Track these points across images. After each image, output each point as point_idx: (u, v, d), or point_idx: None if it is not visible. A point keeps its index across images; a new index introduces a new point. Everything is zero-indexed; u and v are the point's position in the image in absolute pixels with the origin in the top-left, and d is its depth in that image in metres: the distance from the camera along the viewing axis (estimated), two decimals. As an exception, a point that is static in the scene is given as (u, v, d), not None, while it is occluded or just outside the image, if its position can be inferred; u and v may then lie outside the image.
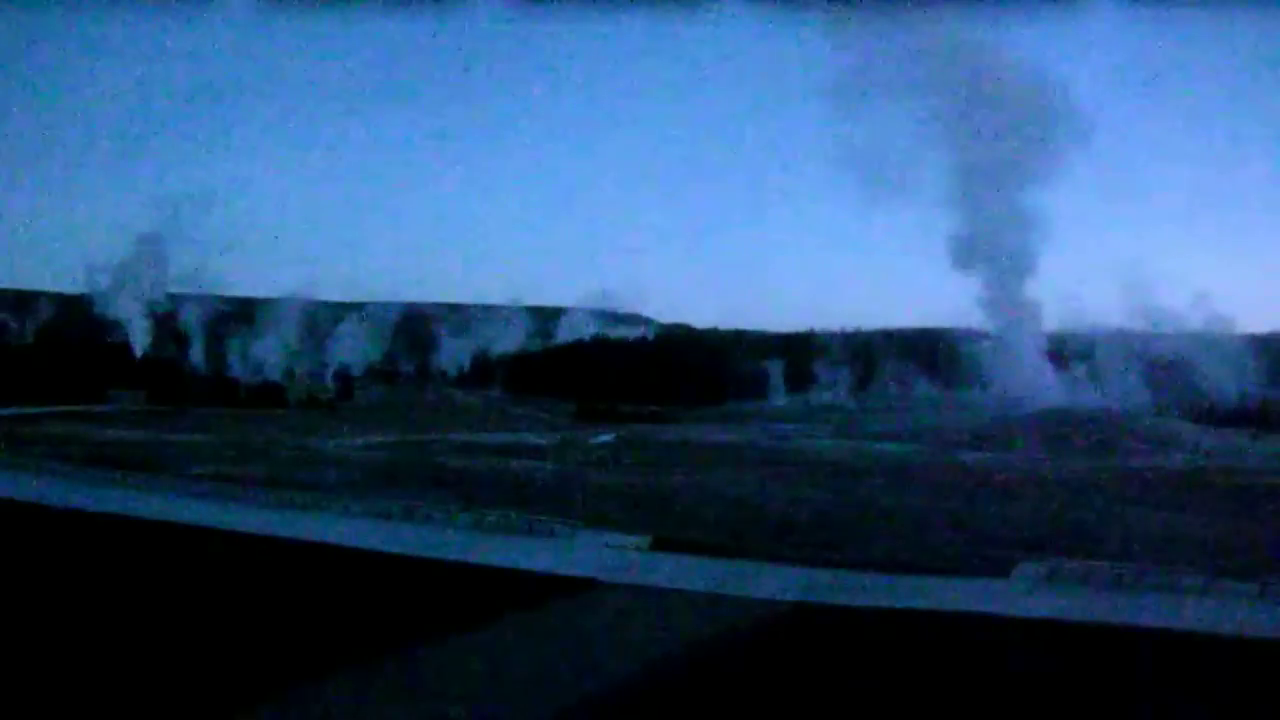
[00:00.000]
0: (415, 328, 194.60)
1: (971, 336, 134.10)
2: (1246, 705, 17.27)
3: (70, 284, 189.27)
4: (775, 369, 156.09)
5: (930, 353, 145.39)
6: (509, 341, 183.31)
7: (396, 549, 29.78)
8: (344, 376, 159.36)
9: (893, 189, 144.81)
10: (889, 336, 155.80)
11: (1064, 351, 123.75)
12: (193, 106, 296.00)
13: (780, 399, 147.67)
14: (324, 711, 16.04)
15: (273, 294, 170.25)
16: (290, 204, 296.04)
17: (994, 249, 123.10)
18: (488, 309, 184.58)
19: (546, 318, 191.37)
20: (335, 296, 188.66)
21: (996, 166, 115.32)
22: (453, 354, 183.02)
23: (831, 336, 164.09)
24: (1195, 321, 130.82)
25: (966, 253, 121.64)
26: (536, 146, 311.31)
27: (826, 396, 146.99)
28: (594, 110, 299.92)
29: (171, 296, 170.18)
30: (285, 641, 19.72)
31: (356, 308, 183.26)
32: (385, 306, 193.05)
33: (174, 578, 25.49)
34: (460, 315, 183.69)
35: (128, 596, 23.07)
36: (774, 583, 26.50)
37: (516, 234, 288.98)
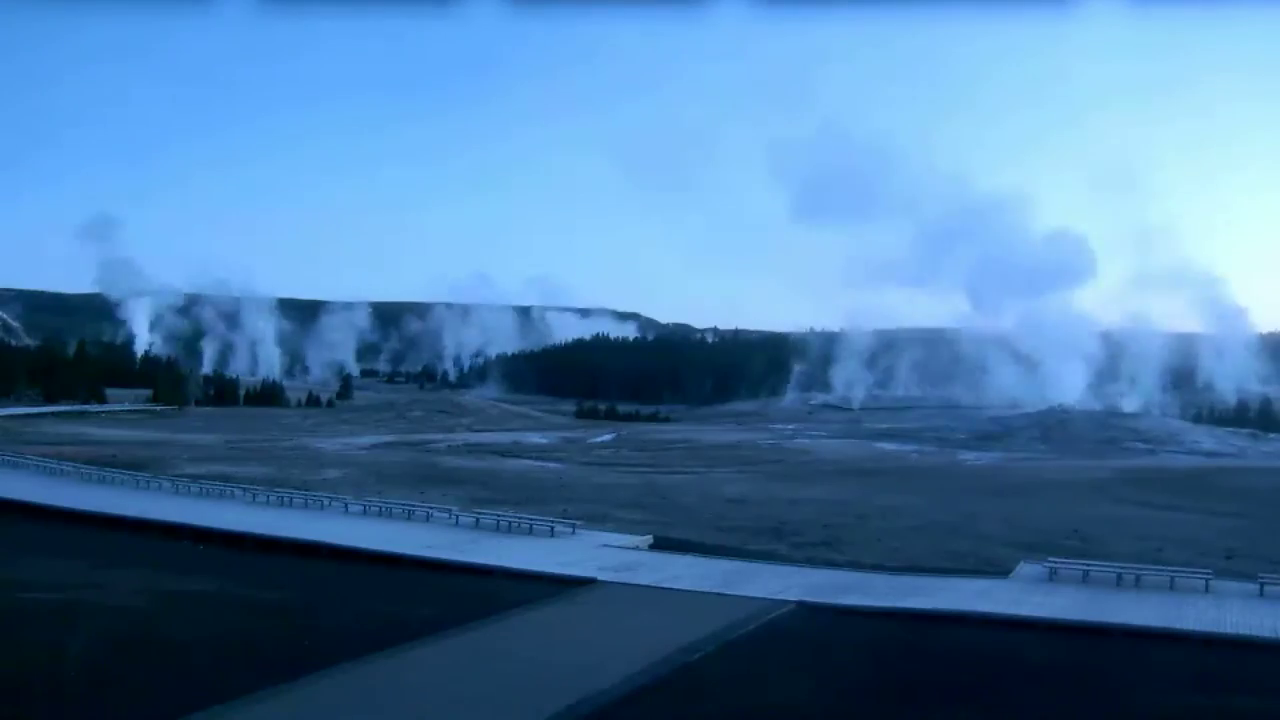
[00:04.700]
0: (414, 327, 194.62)
1: (972, 337, 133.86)
2: (1246, 705, 17.30)
3: (69, 283, 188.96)
4: (775, 369, 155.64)
5: (931, 353, 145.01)
6: (509, 341, 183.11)
7: (396, 549, 29.96)
8: (343, 376, 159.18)
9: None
10: (889, 336, 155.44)
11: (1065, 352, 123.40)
12: (181, 107, 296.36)
13: (780, 398, 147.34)
14: (325, 708, 16.08)
15: (276, 294, 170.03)
16: (285, 204, 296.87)
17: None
18: (486, 308, 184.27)
19: (545, 317, 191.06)
20: (334, 296, 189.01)
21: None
22: (453, 353, 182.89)
23: (831, 336, 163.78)
24: (1195, 321, 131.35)
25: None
26: (539, 145, 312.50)
27: (826, 396, 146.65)
28: (602, 111, 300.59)
29: (169, 296, 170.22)
30: (286, 639, 19.75)
31: (356, 307, 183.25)
32: (384, 306, 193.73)
33: (172, 577, 25.49)
34: (459, 314, 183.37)
35: (125, 597, 23.07)
36: (774, 583, 26.55)
37: (515, 234, 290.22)
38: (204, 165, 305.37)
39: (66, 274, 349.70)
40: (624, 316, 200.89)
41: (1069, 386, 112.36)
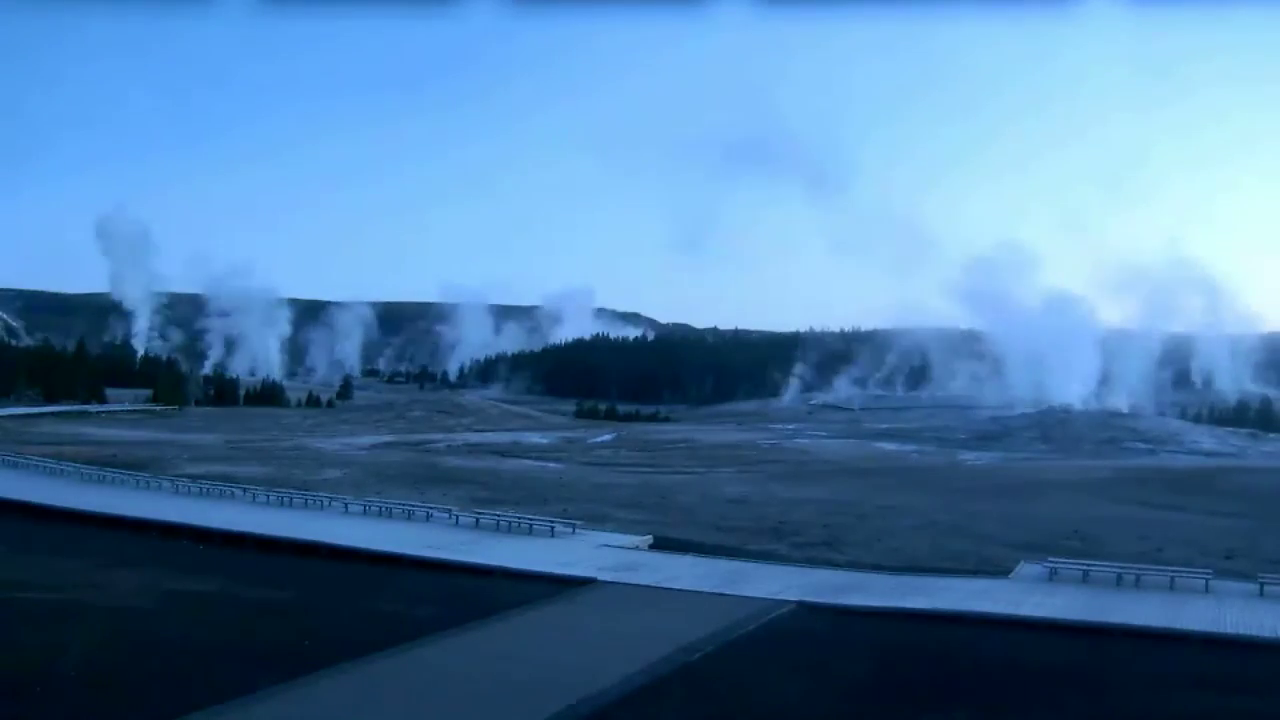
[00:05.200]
0: (414, 327, 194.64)
1: (972, 336, 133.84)
2: (1246, 705, 17.31)
3: (69, 283, 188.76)
4: (775, 369, 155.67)
5: (931, 352, 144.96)
6: (509, 341, 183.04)
7: (396, 549, 29.97)
8: (343, 375, 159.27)
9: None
10: (888, 336, 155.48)
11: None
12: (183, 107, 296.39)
13: (780, 398, 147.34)
14: (325, 708, 16.08)
15: (277, 294, 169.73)
16: (286, 203, 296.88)
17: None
18: (486, 308, 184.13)
19: (545, 317, 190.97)
20: (335, 295, 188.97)
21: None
22: (453, 353, 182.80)
23: (831, 336, 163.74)
24: (1196, 322, 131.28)
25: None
26: (540, 145, 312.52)
27: (826, 396, 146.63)
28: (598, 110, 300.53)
29: (170, 296, 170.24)
30: (286, 639, 19.75)
31: (357, 307, 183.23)
32: (384, 306, 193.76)
33: (172, 577, 25.50)
34: (459, 314, 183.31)
35: (125, 596, 23.08)
36: (774, 583, 26.43)
37: (514, 233, 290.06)
38: (204, 164, 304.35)
39: (67, 274, 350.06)
40: (624, 316, 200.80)
41: (1069, 387, 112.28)
